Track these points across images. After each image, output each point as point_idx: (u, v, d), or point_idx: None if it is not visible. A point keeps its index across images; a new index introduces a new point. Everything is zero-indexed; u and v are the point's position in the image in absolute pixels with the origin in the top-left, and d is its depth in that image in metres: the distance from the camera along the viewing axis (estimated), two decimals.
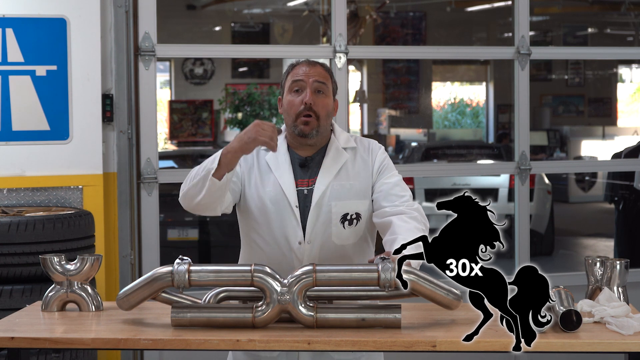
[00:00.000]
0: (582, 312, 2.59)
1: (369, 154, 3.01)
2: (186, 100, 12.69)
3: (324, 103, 2.92)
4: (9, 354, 2.54)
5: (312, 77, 2.92)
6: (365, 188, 2.96)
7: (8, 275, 3.89)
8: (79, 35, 4.36)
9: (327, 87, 2.94)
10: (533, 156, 6.17)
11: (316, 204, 2.91)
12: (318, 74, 2.93)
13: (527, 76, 5.11)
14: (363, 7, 11.32)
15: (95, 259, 2.85)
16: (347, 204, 2.93)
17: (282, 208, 2.92)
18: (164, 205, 5.36)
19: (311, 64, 2.96)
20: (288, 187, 2.92)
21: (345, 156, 2.97)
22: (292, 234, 2.91)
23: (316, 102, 2.90)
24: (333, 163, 2.95)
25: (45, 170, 4.35)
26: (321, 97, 2.92)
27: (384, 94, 14.61)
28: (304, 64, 2.97)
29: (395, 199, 2.92)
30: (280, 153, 2.96)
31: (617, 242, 7.39)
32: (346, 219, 2.93)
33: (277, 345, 2.47)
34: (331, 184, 2.93)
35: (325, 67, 2.99)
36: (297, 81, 2.93)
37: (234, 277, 2.57)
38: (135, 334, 2.52)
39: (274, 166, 2.95)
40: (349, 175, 2.96)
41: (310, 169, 2.96)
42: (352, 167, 2.97)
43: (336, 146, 2.98)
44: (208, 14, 13.54)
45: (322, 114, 2.91)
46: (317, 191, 2.92)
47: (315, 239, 2.91)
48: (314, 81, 2.92)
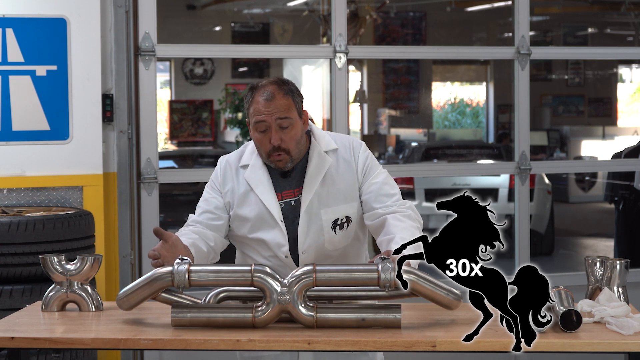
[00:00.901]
0: (582, 312, 2.59)
1: (351, 153, 2.98)
2: (186, 100, 12.69)
3: (291, 135, 2.86)
4: (9, 354, 2.54)
5: (274, 115, 2.84)
6: (352, 190, 2.95)
7: (8, 275, 3.89)
8: (79, 35, 4.36)
9: (290, 119, 2.86)
10: (533, 156, 6.16)
11: (305, 213, 2.91)
12: (278, 109, 2.84)
13: (527, 76, 5.11)
14: (363, 7, 11.32)
15: (95, 259, 2.85)
16: (336, 209, 2.93)
17: (268, 224, 2.93)
18: (164, 205, 5.37)
19: (268, 100, 2.84)
20: (270, 202, 2.92)
21: (328, 161, 2.94)
22: (279, 248, 2.93)
23: (284, 139, 2.85)
24: (317, 170, 2.93)
25: (45, 170, 4.35)
26: (286, 131, 2.85)
27: (384, 94, 14.61)
28: (262, 99, 2.85)
29: (386, 199, 2.92)
30: (257, 167, 2.95)
31: (617, 242, 7.39)
32: (337, 224, 2.93)
33: (277, 345, 2.47)
34: (318, 192, 2.92)
35: (283, 92, 2.86)
36: (259, 122, 2.85)
37: (234, 277, 2.57)
38: (135, 334, 2.52)
39: (254, 184, 2.94)
40: (334, 180, 2.94)
41: (295, 179, 2.95)
42: (336, 170, 2.95)
43: (318, 151, 2.95)
44: (208, 14, 13.54)
45: (291, 147, 2.87)
46: (304, 201, 2.91)
47: (310, 249, 2.92)
48: (276, 119, 2.84)
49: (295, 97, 2.90)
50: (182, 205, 8.27)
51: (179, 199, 8.63)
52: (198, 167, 9.87)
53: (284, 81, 2.93)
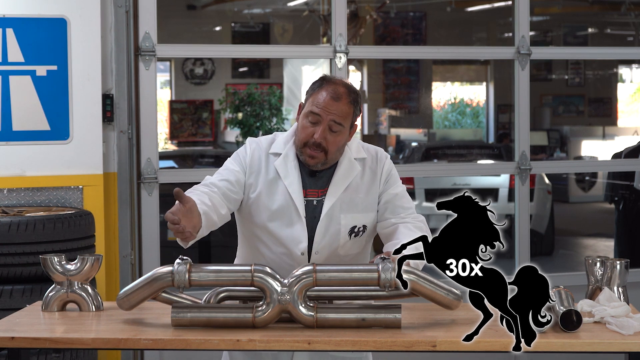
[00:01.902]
0: (582, 312, 2.59)
1: (377, 164, 2.97)
2: (186, 100, 12.70)
3: (336, 141, 2.84)
4: (9, 354, 2.54)
5: (330, 115, 2.81)
6: (373, 200, 2.94)
7: (8, 275, 3.89)
8: (79, 35, 4.36)
9: (342, 127, 2.83)
10: (533, 156, 6.16)
11: (326, 215, 2.89)
12: (337, 113, 2.81)
13: (527, 76, 5.11)
14: (363, 7, 11.32)
15: (95, 259, 2.85)
16: (356, 217, 2.92)
17: (290, 217, 2.88)
18: (164, 205, 5.35)
19: (335, 98, 2.82)
20: (297, 196, 2.88)
21: (357, 169, 2.93)
22: (297, 244, 2.88)
23: (327, 140, 2.82)
24: (345, 176, 2.91)
25: (45, 170, 4.35)
26: (334, 135, 2.83)
27: (384, 94, 14.61)
28: (329, 95, 2.82)
29: (401, 211, 2.92)
30: (289, 160, 2.91)
31: (617, 242, 7.39)
32: (353, 231, 2.92)
33: (277, 345, 2.47)
34: (341, 197, 2.90)
35: (349, 101, 2.84)
36: (314, 114, 2.82)
37: (234, 277, 2.57)
38: (136, 334, 2.52)
39: (283, 174, 2.90)
40: (359, 188, 2.93)
41: (321, 179, 2.92)
42: (361, 179, 2.94)
43: (349, 157, 2.93)
44: (208, 14, 13.54)
45: (331, 149, 2.84)
46: (327, 203, 2.89)
47: (323, 250, 2.89)
48: (330, 120, 2.82)
49: (356, 110, 2.88)
50: None
51: None
52: (198, 167, 9.87)
53: (354, 90, 2.90)
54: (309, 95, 2.88)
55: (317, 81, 2.90)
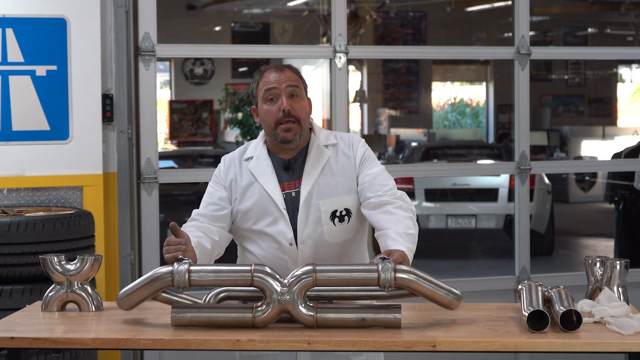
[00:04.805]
0: (582, 312, 2.59)
1: (350, 148, 3.02)
2: (186, 100, 12.69)
3: (301, 106, 2.94)
4: (9, 354, 2.54)
5: (284, 83, 2.92)
6: (351, 183, 2.98)
7: (8, 275, 3.89)
8: (79, 35, 4.36)
9: (300, 90, 2.95)
10: (533, 156, 6.17)
11: (304, 203, 2.93)
12: (289, 79, 2.94)
13: (527, 76, 5.11)
14: (363, 7, 11.32)
15: (95, 259, 2.85)
16: (335, 200, 2.95)
17: (272, 213, 2.95)
18: (164, 205, 5.37)
19: (279, 69, 2.96)
20: (274, 191, 2.95)
21: (327, 153, 2.99)
22: (283, 236, 2.93)
23: (294, 107, 2.92)
24: (316, 162, 2.97)
25: (45, 170, 4.35)
26: (297, 100, 2.93)
27: (384, 94, 14.61)
28: (273, 70, 2.96)
29: (379, 189, 2.94)
30: (262, 159, 2.99)
31: (617, 242, 7.39)
32: (336, 215, 2.95)
33: (277, 345, 2.47)
34: (317, 183, 2.95)
35: (293, 69, 2.99)
36: (270, 89, 2.93)
37: (234, 277, 2.57)
38: (135, 334, 2.52)
39: (258, 174, 2.98)
40: (333, 172, 2.98)
41: (295, 171, 2.99)
42: (335, 163, 2.99)
43: (317, 144, 3.00)
44: (208, 14, 13.53)
45: (301, 116, 2.93)
46: (303, 191, 2.94)
47: (308, 239, 2.94)
48: (287, 86, 2.92)
49: (303, 79, 3.00)
50: (182, 205, 8.26)
51: (179, 199, 8.63)
52: (198, 167, 9.88)
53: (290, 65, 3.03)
54: (256, 90, 2.99)
55: (256, 74, 3.02)
